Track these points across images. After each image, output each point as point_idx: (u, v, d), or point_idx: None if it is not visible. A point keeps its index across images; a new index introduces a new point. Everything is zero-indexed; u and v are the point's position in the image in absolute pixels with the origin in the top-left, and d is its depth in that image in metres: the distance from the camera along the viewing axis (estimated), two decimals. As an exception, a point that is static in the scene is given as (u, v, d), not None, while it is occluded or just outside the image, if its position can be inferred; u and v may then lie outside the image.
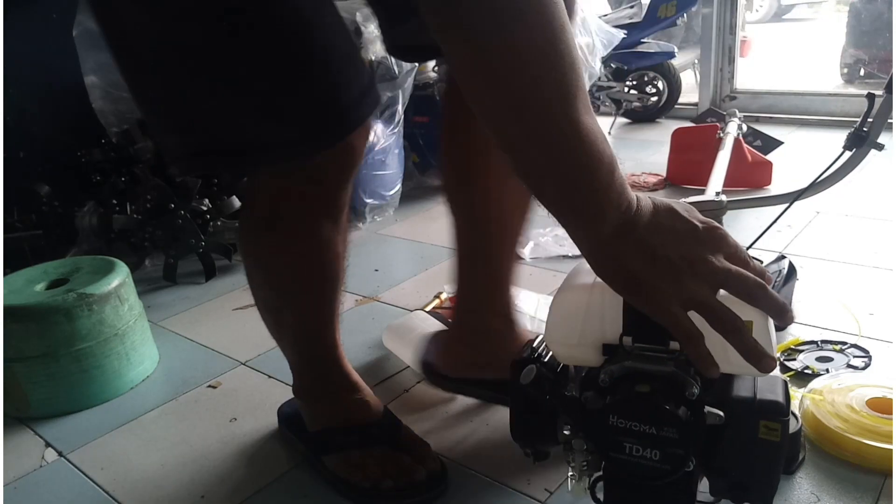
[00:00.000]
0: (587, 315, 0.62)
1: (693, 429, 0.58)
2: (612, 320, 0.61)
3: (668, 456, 0.58)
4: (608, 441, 0.60)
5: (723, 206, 1.44)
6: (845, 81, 4.38)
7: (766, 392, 0.59)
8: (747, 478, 0.61)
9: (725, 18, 3.28)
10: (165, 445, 1.09)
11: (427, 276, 1.69)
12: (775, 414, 0.58)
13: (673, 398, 0.58)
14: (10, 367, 1.16)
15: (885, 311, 1.32)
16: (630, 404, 0.59)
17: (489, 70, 0.53)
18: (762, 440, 0.58)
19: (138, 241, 1.79)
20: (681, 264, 0.55)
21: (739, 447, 0.59)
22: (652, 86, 3.38)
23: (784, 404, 0.58)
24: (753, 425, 0.58)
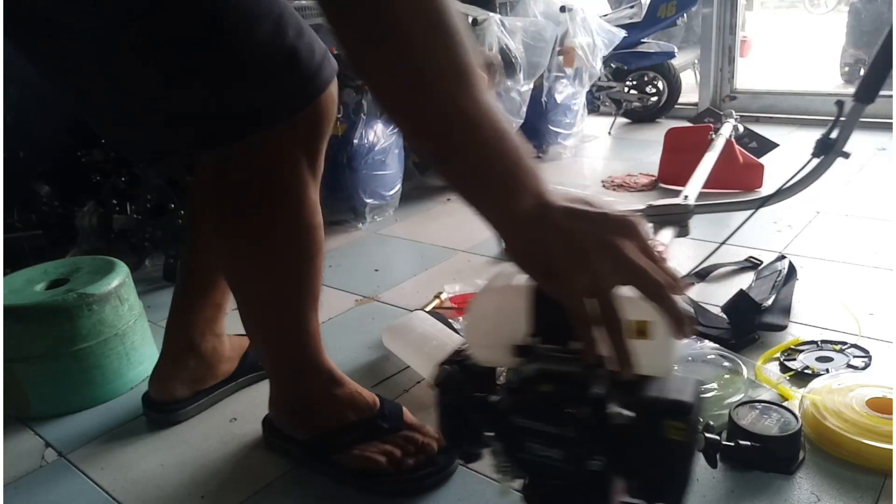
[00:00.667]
0: (498, 317, 0.62)
1: (593, 429, 0.57)
2: (521, 321, 0.61)
3: (570, 455, 0.58)
4: (514, 441, 0.60)
5: (689, 210, 1.44)
6: (845, 81, 4.39)
7: (674, 392, 0.58)
8: (657, 478, 0.61)
9: (725, 18, 3.28)
10: (165, 445, 1.09)
11: (427, 276, 1.69)
12: (680, 413, 0.57)
13: (575, 398, 0.58)
14: (10, 367, 1.16)
15: (885, 311, 1.32)
16: (531, 404, 0.59)
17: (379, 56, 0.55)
18: (669, 440, 0.57)
19: (138, 241, 1.80)
20: (594, 250, 0.54)
21: (647, 447, 0.58)
22: (652, 86, 3.38)
23: (690, 404, 0.57)
24: (659, 425, 0.57)
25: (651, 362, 0.58)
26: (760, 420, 0.94)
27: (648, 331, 0.57)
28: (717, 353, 1.18)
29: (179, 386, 1.14)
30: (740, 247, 1.72)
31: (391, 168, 2.15)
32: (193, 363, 1.15)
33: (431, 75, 0.54)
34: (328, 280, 1.68)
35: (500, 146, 0.55)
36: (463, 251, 1.84)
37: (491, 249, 1.85)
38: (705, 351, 1.20)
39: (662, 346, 0.57)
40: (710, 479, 0.92)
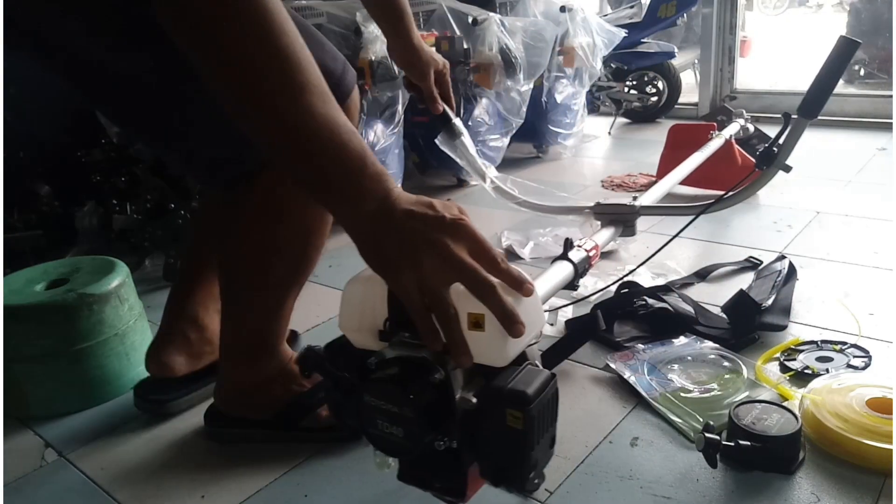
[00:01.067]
0: (363, 303, 0.67)
1: (430, 411, 0.62)
2: (382, 308, 0.66)
3: (409, 433, 0.62)
4: (364, 418, 0.65)
5: (635, 211, 1.45)
6: (845, 81, 4.38)
7: (520, 383, 0.63)
8: (501, 463, 0.65)
9: (725, 18, 3.28)
10: (165, 445, 1.09)
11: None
12: (519, 403, 0.61)
13: (419, 382, 0.62)
14: (10, 367, 1.16)
15: (885, 311, 1.33)
16: (378, 385, 0.63)
17: (221, 70, 0.60)
18: (509, 427, 0.62)
19: (138, 241, 1.79)
20: (423, 248, 0.59)
21: (491, 433, 0.63)
22: (652, 86, 3.38)
23: (530, 395, 0.61)
24: (501, 413, 0.62)
25: (487, 353, 0.62)
26: (760, 420, 0.94)
27: (484, 323, 0.61)
28: (717, 353, 1.18)
29: (177, 359, 1.16)
30: (740, 247, 1.72)
31: (391, 168, 2.15)
32: (194, 335, 1.17)
33: (264, 94, 0.59)
34: (328, 280, 1.68)
35: (340, 154, 0.60)
36: (463, 251, 1.84)
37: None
38: (705, 351, 1.20)
39: (497, 338, 0.61)
40: (710, 479, 0.92)
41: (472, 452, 0.66)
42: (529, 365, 0.66)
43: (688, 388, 1.10)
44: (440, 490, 0.70)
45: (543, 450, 0.65)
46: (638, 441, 1.01)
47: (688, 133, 2.22)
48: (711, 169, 1.96)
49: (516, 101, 2.51)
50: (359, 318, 0.68)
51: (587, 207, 1.52)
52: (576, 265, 1.15)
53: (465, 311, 0.61)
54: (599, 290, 1.43)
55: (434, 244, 0.59)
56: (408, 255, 0.59)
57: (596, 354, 1.25)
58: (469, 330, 0.62)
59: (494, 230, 1.93)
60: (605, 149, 3.07)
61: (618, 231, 1.44)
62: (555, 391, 0.65)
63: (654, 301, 1.34)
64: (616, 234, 1.43)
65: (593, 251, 1.22)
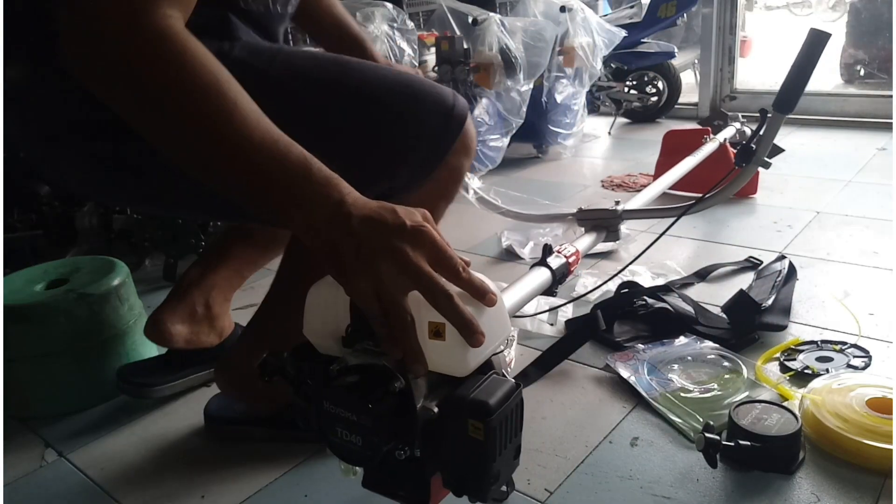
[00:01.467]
0: (326, 308, 0.66)
1: (389, 419, 0.61)
2: (344, 314, 0.65)
3: (367, 442, 0.62)
4: (324, 425, 0.64)
5: (618, 216, 1.45)
6: (845, 81, 4.38)
7: (482, 393, 0.62)
8: (463, 473, 0.64)
9: (725, 18, 3.28)
10: (165, 445, 1.09)
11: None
12: (480, 413, 0.60)
13: (379, 390, 0.61)
14: (10, 367, 1.16)
15: (885, 311, 1.33)
16: (337, 393, 0.63)
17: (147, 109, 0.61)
18: (470, 437, 0.61)
19: (138, 241, 1.79)
20: (381, 255, 0.58)
21: (453, 443, 0.62)
22: (652, 86, 3.38)
23: (491, 405, 0.60)
24: (462, 423, 0.61)
25: (447, 362, 0.62)
26: (760, 420, 0.94)
27: (444, 332, 0.60)
28: (717, 353, 1.18)
29: (179, 328, 1.16)
30: (740, 247, 1.72)
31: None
32: (201, 311, 1.17)
33: (200, 119, 0.60)
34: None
35: (283, 164, 0.60)
36: (463, 251, 1.84)
37: (491, 249, 1.85)
38: (705, 351, 1.20)
39: (457, 347, 0.60)
40: (710, 479, 0.92)
41: (435, 462, 0.66)
42: (495, 374, 0.65)
43: (688, 388, 1.10)
44: (404, 499, 0.70)
45: (507, 460, 0.65)
46: (638, 441, 1.01)
47: (682, 139, 2.20)
48: (706, 173, 1.94)
49: (516, 101, 2.51)
50: (322, 324, 0.67)
51: (570, 214, 1.52)
52: (553, 271, 1.15)
53: (426, 320, 0.61)
54: (591, 289, 1.43)
55: (392, 251, 0.58)
56: (365, 262, 0.58)
57: (596, 354, 1.25)
58: (430, 339, 0.61)
59: (494, 230, 1.93)
60: (605, 149, 3.07)
61: (601, 236, 1.44)
62: (519, 401, 0.64)
63: (654, 301, 1.34)
64: (599, 238, 1.44)
65: (573, 257, 1.23)
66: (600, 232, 1.45)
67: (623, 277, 1.50)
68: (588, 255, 1.72)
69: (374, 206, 0.61)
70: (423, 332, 0.61)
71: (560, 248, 1.23)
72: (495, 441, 0.61)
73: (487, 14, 2.42)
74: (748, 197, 2.09)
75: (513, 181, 2.56)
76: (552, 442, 1.02)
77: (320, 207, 0.60)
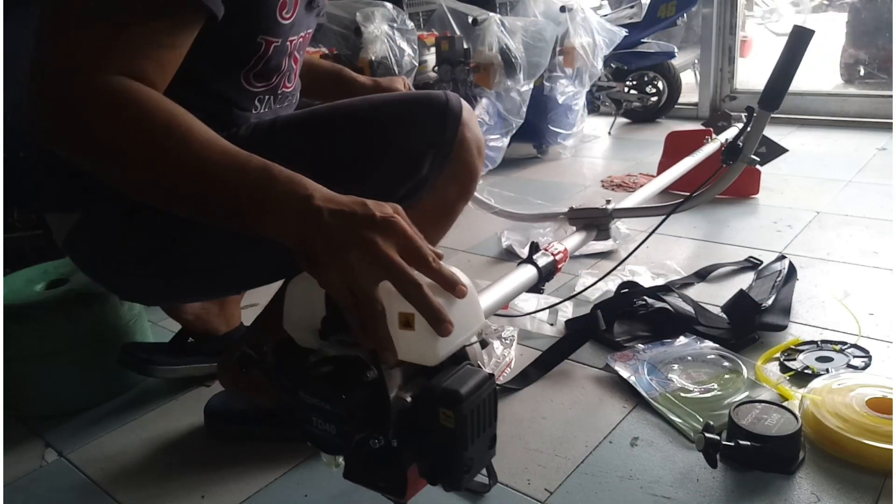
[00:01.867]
0: (304, 302, 0.68)
1: (362, 409, 0.63)
2: (321, 307, 0.67)
3: (341, 431, 0.64)
4: (301, 415, 0.66)
5: (608, 214, 1.46)
6: (845, 81, 4.38)
7: (454, 382, 0.63)
8: (435, 461, 0.66)
9: (725, 18, 3.28)
10: (165, 445, 1.09)
11: (427, 276, 1.69)
12: (451, 402, 0.61)
13: (352, 380, 0.63)
14: (10, 367, 1.16)
15: (885, 311, 1.33)
16: (311, 383, 0.65)
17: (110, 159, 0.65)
18: (442, 426, 0.62)
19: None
20: (351, 246, 0.59)
21: (426, 432, 0.64)
22: (652, 86, 3.38)
23: (462, 394, 0.62)
24: (434, 412, 0.62)
25: (417, 351, 0.63)
26: (760, 420, 0.94)
27: (414, 322, 0.62)
28: (717, 353, 1.18)
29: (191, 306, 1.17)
30: (740, 247, 1.72)
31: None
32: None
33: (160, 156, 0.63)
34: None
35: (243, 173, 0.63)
36: (463, 251, 1.84)
37: (491, 249, 1.85)
38: (705, 351, 1.20)
39: (426, 337, 0.61)
40: (710, 479, 0.92)
41: (411, 452, 0.67)
42: (468, 365, 0.67)
43: (688, 388, 1.10)
44: (382, 489, 0.72)
45: (480, 449, 0.66)
46: (638, 441, 1.01)
47: (685, 140, 2.20)
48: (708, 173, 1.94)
49: (516, 101, 2.51)
50: (300, 318, 0.69)
51: (561, 214, 1.53)
52: (540, 269, 1.16)
53: (397, 310, 0.62)
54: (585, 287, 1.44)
55: (362, 241, 0.59)
56: (335, 253, 0.60)
57: (596, 354, 1.25)
58: (400, 329, 0.62)
59: (494, 231, 1.93)
60: (605, 149, 3.07)
61: (591, 235, 1.45)
62: (492, 391, 0.66)
63: (654, 301, 1.34)
64: (589, 237, 1.45)
65: (560, 255, 1.23)
66: (590, 231, 1.46)
67: (618, 276, 1.50)
68: (588, 255, 1.72)
69: (343, 199, 0.62)
70: (393, 322, 0.62)
71: (547, 247, 1.23)
72: (466, 429, 0.63)
73: (487, 14, 2.42)
74: (750, 197, 2.09)
75: (513, 181, 2.56)
76: (552, 442, 1.02)
77: (288, 206, 0.62)
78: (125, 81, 0.63)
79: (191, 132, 0.63)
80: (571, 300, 1.42)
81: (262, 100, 0.89)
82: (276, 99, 0.92)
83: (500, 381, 1.17)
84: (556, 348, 1.23)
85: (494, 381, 0.66)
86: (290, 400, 0.67)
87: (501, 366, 1.22)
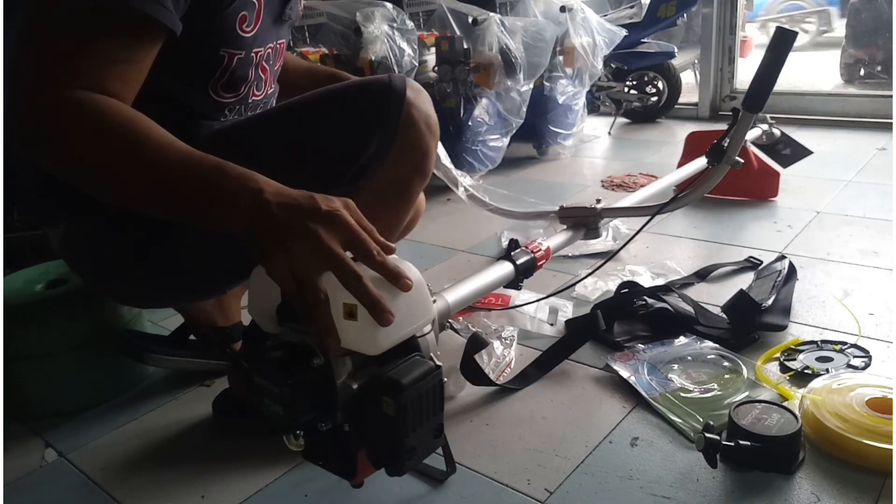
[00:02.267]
0: (263, 289, 0.70)
1: (307, 393, 0.66)
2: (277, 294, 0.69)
3: (288, 412, 0.67)
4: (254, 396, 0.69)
5: (597, 214, 1.46)
6: (845, 81, 4.38)
7: (398, 372, 0.67)
8: (379, 446, 0.70)
9: (725, 18, 3.28)
10: (165, 445, 1.09)
11: (427, 276, 1.68)
12: (392, 391, 0.65)
13: (298, 365, 0.67)
14: (10, 367, 1.16)
15: (885, 311, 1.33)
16: (263, 367, 0.68)
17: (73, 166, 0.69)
18: (384, 413, 0.66)
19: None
20: (295, 236, 0.63)
21: (372, 418, 0.68)
22: (652, 86, 3.38)
23: (403, 384, 0.65)
24: (378, 399, 0.66)
25: (359, 341, 0.66)
26: (760, 420, 0.94)
27: (357, 313, 0.64)
28: (717, 353, 1.18)
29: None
30: (740, 247, 1.72)
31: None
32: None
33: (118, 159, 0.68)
34: (328, 280, 1.68)
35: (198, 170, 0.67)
36: (463, 251, 1.84)
37: (491, 249, 1.85)
38: (705, 351, 1.20)
39: (367, 327, 0.64)
40: (710, 479, 0.92)
41: (359, 436, 0.71)
42: (418, 356, 0.70)
43: (688, 388, 1.10)
44: (335, 470, 0.76)
45: (424, 437, 0.69)
46: (638, 441, 1.01)
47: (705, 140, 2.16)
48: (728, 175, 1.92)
49: (516, 101, 2.51)
50: (260, 304, 0.72)
51: (552, 212, 1.53)
52: (517, 266, 1.18)
53: (342, 300, 0.64)
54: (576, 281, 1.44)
55: (305, 232, 0.62)
56: (279, 243, 0.63)
57: (596, 354, 1.25)
58: (344, 319, 0.65)
59: (494, 231, 1.93)
60: (605, 149, 3.07)
61: (578, 234, 1.46)
62: (436, 383, 0.69)
63: (654, 301, 1.34)
64: (577, 236, 1.46)
65: (541, 253, 1.24)
66: (578, 230, 1.46)
67: (618, 275, 1.50)
68: (588, 255, 1.72)
69: (292, 192, 0.65)
70: (338, 312, 0.65)
71: (528, 244, 1.24)
72: (407, 418, 0.66)
73: (487, 14, 2.41)
74: (769, 200, 2.04)
75: (513, 181, 2.56)
76: (552, 442, 1.02)
77: (240, 199, 0.65)
78: (90, 94, 0.67)
79: (147, 136, 0.68)
80: (572, 301, 1.42)
81: (231, 108, 0.92)
82: (247, 108, 0.95)
83: (500, 381, 1.17)
84: (556, 348, 1.23)
85: (441, 373, 0.70)
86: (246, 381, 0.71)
87: (501, 366, 1.22)
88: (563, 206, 1.51)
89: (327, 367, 0.67)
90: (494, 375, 1.18)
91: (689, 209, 1.90)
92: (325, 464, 0.77)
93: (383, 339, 0.66)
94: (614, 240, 1.76)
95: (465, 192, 1.64)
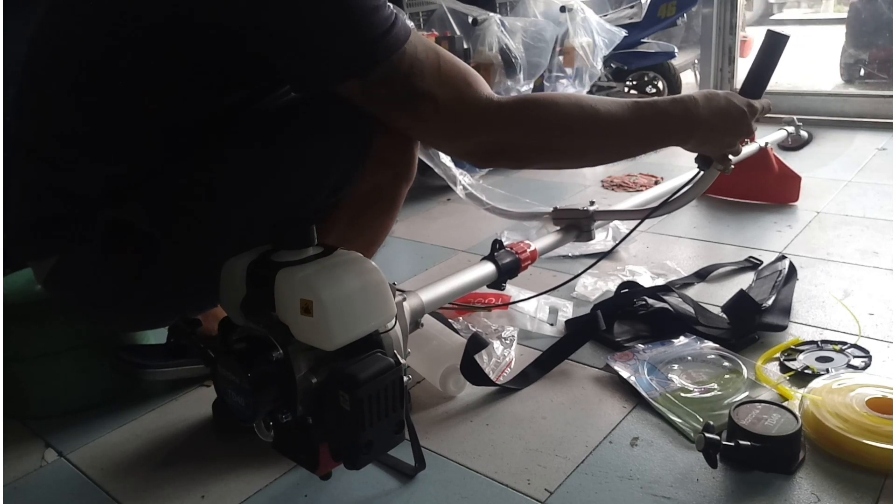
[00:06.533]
0: (231, 283, 0.73)
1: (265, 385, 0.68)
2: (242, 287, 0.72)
3: (247, 403, 0.69)
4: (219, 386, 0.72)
5: (589, 216, 1.46)
6: (845, 81, 4.38)
7: (355, 368, 0.68)
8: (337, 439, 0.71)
9: (725, 18, 3.28)
10: (165, 445, 1.09)
11: (427, 277, 1.69)
12: (348, 385, 0.67)
13: (257, 358, 0.69)
14: (10, 367, 1.16)
15: (885, 311, 1.33)
16: (225, 359, 0.71)
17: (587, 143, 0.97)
18: (341, 408, 0.68)
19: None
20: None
21: (331, 412, 0.69)
22: (652, 86, 3.38)
23: (360, 379, 0.66)
24: (335, 393, 0.68)
25: (315, 337, 0.68)
26: (760, 420, 0.94)
27: (312, 309, 0.66)
28: (717, 353, 1.18)
29: None
30: (740, 247, 1.72)
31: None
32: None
33: (586, 131, 0.94)
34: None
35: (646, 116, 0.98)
36: (463, 251, 1.84)
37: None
38: (705, 351, 1.20)
39: (322, 324, 0.66)
40: (710, 479, 0.92)
41: (321, 429, 0.72)
42: (379, 353, 0.71)
43: (688, 388, 1.10)
44: (300, 461, 0.78)
45: (383, 433, 0.71)
46: (638, 441, 1.01)
47: None
48: (745, 177, 1.89)
49: (516, 101, 2.51)
50: (229, 297, 0.74)
51: (546, 213, 1.54)
52: (499, 266, 1.18)
53: (298, 296, 0.66)
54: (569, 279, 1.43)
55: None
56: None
57: (596, 354, 1.25)
58: (301, 315, 0.67)
59: (495, 230, 1.93)
60: (605, 149, 3.07)
61: (570, 235, 1.46)
62: (395, 379, 0.70)
63: (654, 301, 1.34)
64: (568, 238, 1.46)
65: (525, 254, 1.24)
66: (570, 231, 1.46)
67: (618, 275, 1.50)
68: (587, 255, 1.72)
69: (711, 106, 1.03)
70: (295, 308, 0.67)
71: (513, 245, 1.24)
72: (362, 412, 0.67)
73: (487, 14, 2.42)
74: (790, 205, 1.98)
75: (512, 181, 2.56)
76: (552, 442, 1.02)
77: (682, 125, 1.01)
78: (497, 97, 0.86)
79: (588, 103, 0.92)
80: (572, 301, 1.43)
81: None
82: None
83: (500, 381, 1.17)
84: (556, 348, 1.23)
85: (401, 370, 0.71)
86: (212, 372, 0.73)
87: (501, 366, 1.22)
88: (557, 208, 1.51)
89: (286, 360, 0.69)
90: (494, 375, 1.18)
91: (689, 209, 1.90)
92: (293, 455, 0.78)
93: (339, 335, 0.67)
94: (614, 240, 1.76)
95: (463, 191, 1.64)
